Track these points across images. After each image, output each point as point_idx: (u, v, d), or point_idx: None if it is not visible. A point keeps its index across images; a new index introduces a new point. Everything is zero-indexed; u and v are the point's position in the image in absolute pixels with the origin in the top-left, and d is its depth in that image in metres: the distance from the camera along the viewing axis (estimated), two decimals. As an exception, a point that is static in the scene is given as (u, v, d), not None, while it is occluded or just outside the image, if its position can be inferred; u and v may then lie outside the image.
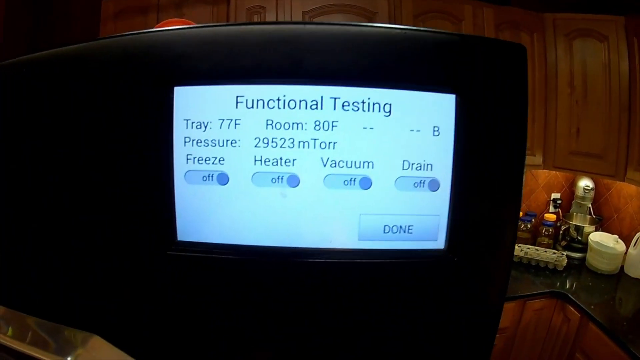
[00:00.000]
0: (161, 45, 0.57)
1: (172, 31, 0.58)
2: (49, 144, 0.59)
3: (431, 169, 0.57)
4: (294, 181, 0.56)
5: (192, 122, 0.56)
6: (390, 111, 0.56)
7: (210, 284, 0.59)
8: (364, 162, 0.56)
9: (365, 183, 0.56)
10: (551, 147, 2.49)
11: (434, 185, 0.58)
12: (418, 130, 0.57)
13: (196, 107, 0.56)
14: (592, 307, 2.18)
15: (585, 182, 2.72)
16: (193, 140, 0.56)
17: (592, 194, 2.72)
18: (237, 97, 0.55)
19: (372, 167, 0.56)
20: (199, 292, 0.60)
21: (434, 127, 0.57)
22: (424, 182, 0.57)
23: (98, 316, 0.64)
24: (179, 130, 0.56)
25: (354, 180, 0.56)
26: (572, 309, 2.25)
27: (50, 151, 0.58)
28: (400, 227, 0.57)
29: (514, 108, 0.61)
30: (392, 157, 0.56)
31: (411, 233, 0.58)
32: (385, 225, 0.57)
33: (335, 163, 0.55)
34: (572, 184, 2.88)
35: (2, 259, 0.63)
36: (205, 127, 0.56)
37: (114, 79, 0.58)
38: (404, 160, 0.56)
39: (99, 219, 0.59)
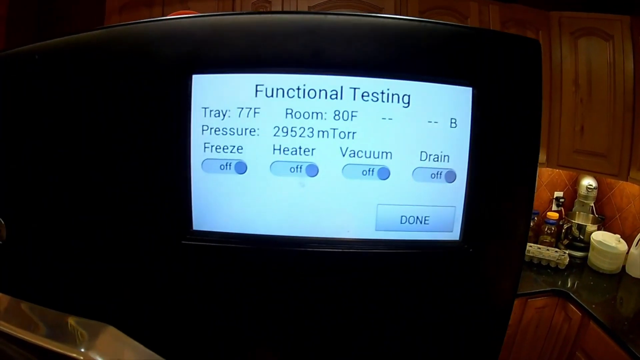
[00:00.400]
0: (179, 33, 0.57)
1: (190, 19, 0.58)
2: (63, 133, 0.59)
3: (448, 161, 0.57)
4: (312, 170, 0.56)
5: (211, 111, 0.56)
6: (409, 102, 0.56)
7: (226, 274, 0.60)
8: (382, 153, 0.56)
9: (384, 173, 0.56)
10: (555, 146, 2.49)
11: (450, 177, 0.58)
12: (436, 122, 0.57)
13: (215, 95, 0.56)
14: (594, 306, 2.19)
15: (588, 181, 2.72)
16: (211, 128, 0.56)
17: (595, 193, 2.73)
18: (256, 85, 0.55)
19: (391, 158, 0.56)
20: (214, 283, 0.60)
21: (452, 119, 0.58)
22: (440, 174, 0.57)
23: (111, 307, 0.64)
24: (197, 119, 0.56)
25: (373, 171, 0.56)
26: (574, 308, 2.25)
27: (64, 141, 0.58)
28: (417, 217, 0.57)
29: (528, 102, 0.61)
30: (410, 147, 0.56)
31: (427, 224, 0.58)
32: (402, 216, 0.57)
33: (354, 153, 0.55)
34: (575, 183, 2.88)
35: (14, 246, 0.63)
36: (224, 115, 0.56)
37: (131, 67, 0.57)
38: (421, 151, 0.57)
39: (114, 207, 0.59)
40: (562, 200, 2.90)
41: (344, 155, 0.56)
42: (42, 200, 0.61)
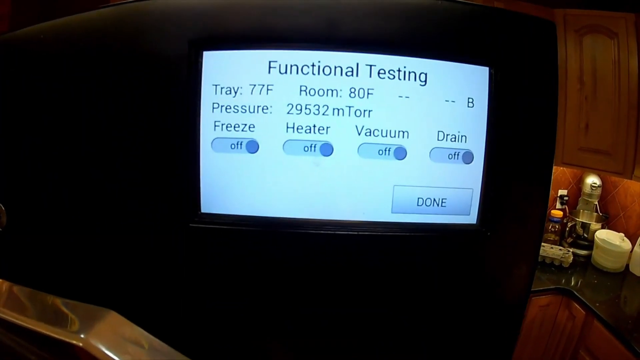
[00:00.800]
0: (189, 9, 0.55)
1: (201, -5, 0.56)
2: (72, 113, 0.57)
3: (465, 141, 0.55)
4: (327, 150, 0.54)
5: (222, 88, 0.54)
6: (425, 81, 0.55)
7: (236, 258, 0.58)
8: (399, 132, 0.54)
9: (400, 153, 0.54)
10: (560, 143, 2.47)
11: (468, 158, 0.56)
12: (453, 101, 0.55)
13: (226, 72, 0.54)
14: (597, 304, 2.17)
15: (592, 179, 2.71)
16: (222, 106, 0.54)
17: (599, 191, 2.71)
18: (269, 62, 0.53)
19: (407, 137, 0.54)
20: (224, 267, 0.58)
21: (469, 98, 0.56)
22: (458, 154, 0.56)
23: (115, 291, 0.62)
24: (207, 96, 0.54)
25: (389, 150, 0.54)
26: (578, 306, 2.24)
27: (72, 122, 0.57)
28: (434, 200, 0.56)
29: (545, 81, 0.60)
30: (427, 127, 0.54)
31: (444, 206, 0.56)
32: (419, 198, 0.55)
33: (370, 132, 0.54)
34: (580, 181, 2.86)
35: (17, 231, 0.61)
36: (236, 92, 0.54)
37: (140, 43, 0.56)
38: (438, 131, 0.55)
39: (119, 187, 0.57)
40: (566, 198, 2.88)
41: (359, 134, 0.54)
42: (46, 183, 0.60)
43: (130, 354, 0.51)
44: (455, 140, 0.55)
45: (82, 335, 0.55)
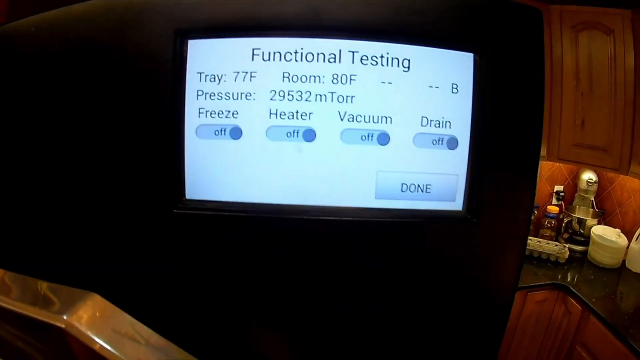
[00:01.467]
0: (175, -2, 0.55)
1: (185, -17, 0.56)
2: (58, 102, 0.57)
3: (450, 127, 0.55)
4: (310, 135, 0.54)
5: (206, 75, 0.54)
6: (409, 66, 0.55)
7: (220, 244, 0.58)
8: (382, 117, 0.54)
9: (383, 139, 0.54)
10: (555, 139, 2.47)
11: (452, 144, 0.56)
12: (437, 87, 0.55)
13: (210, 60, 0.54)
14: (594, 300, 2.17)
15: (588, 175, 2.71)
16: (206, 93, 0.54)
17: (595, 187, 2.71)
18: (253, 49, 0.54)
19: (391, 123, 0.54)
20: (207, 253, 0.58)
21: (453, 84, 0.56)
22: (442, 140, 0.56)
23: (100, 277, 0.62)
24: (192, 84, 0.54)
25: (372, 136, 0.54)
26: (574, 302, 2.23)
27: (59, 109, 0.57)
28: (418, 185, 0.56)
29: (531, 69, 0.60)
30: (411, 112, 0.54)
31: (429, 192, 0.56)
32: (402, 183, 0.55)
33: (352, 117, 0.54)
34: (576, 177, 2.86)
35: (3, 219, 0.61)
36: (219, 80, 0.54)
37: (127, 33, 0.56)
38: (422, 117, 0.55)
39: (104, 175, 0.57)
40: (562, 194, 2.88)
41: (342, 120, 0.54)
42: (32, 170, 0.60)
43: (112, 336, 0.51)
44: (439, 126, 0.55)
45: (64, 317, 0.54)
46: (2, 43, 0.61)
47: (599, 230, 2.51)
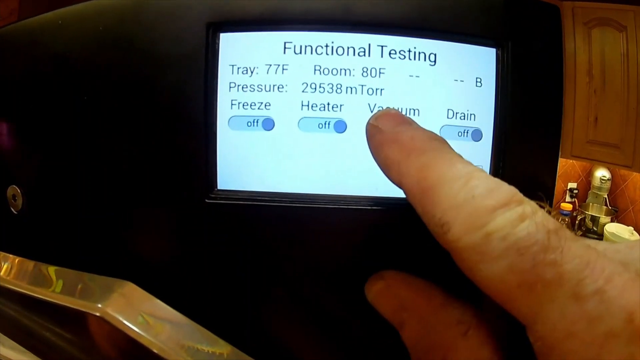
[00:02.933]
0: (207, -7, 0.57)
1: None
2: (87, 93, 0.59)
3: (474, 119, 0.57)
4: (341, 127, 0.56)
5: (238, 68, 0.56)
6: (435, 61, 0.56)
7: (252, 234, 0.60)
8: (410, 109, 0.56)
9: (412, 130, 0.56)
10: (568, 136, 2.48)
11: (477, 135, 0.58)
12: (462, 81, 0.57)
13: (242, 53, 0.56)
14: (607, 297, 2.17)
15: (602, 172, 2.71)
16: (238, 85, 0.56)
17: (608, 184, 2.71)
18: (285, 43, 0.55)
19: (418, 115, 0.56)
20: (240, 242, 0.60)
21: (477, 78, 0.58)
22: (467, 132, 0.57)
23: (131, 267, 0.64)
24: (224, 76, 0.56)
25: (401, 127, 0.56)
26: (587, 299, 2.24)
27: (88, 100, 0.59)
28: (445, 176, 0.57)
29: (550, 64, 0.61)
30: (437, 105, 0.56)
31: (455, 183, 0.58)
32: (429, 175, 0.57)
33: (382, 109, 0.55)
34: (589, 174, 2.87)
35: (34, 214, 0.63)
36: (252, 72, 0.56)
37: (158, 26, 0.58)
38: (448, 109, 0.56)
39: (137, 164, 0.59)
40: (575, 191, 2.88)
41: (372, 111, 0.56)
42: (63, 163, 0.62)
43: (147, 323, 0.53)
44: (464, 119, 0.57)
45: (99, 305, 0.57)
46: (25, 38, 0.63)
47: (612, 228, 2.51)
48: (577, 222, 2.74)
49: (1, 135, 0.62)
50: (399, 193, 0.56)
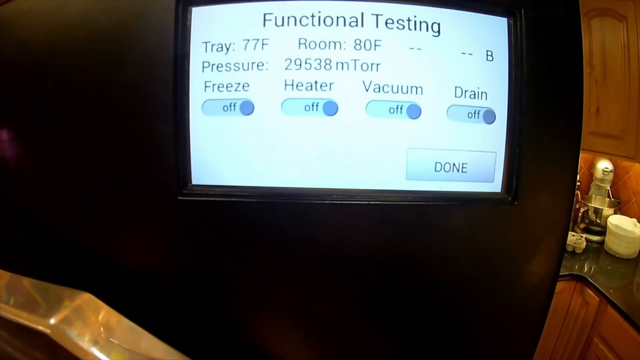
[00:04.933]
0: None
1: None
2: (58, 78, 0.51)
3: (486, 98, 0.49)
4: (331, 108, 0.48)
5: (212, 45, 0.48)
6: (439, 31, 0.48)
7: (232, 234, 0.52)
8: (411, 87, 0.48)
9: (414, 111, 0.48)
10: (570, 127, 2.41)
11: (489, 117, 0.50)
12: (470, 54, 0.49)
13: (217, 27, 0.48)
14: (611, 291, 2.12)
15: (604, 164, 2.64)
16: (213, 65, 0.48)
17: (611, 176, 2.65)
18: (264, 14, 0.47)
19: (421, 93, 0.48)
20: (218, 244, 0.52)
21: (487, 51, 0.50)
22: (478, 113, 0.49)
23: (97, 272, 0.56)
24: (197, 55, 0.48)
25: (401, 108, 0.48)
26: (591, 293, 2.19)
27: (59, 86, 0.51)
28: (454, 164, 0.49)
29: (568, 36, 0.53)
30: (443, 82, 0.48)
31: (465, 172, 0.50)
32: (436, 162, 0.49)
33: (379, 87, 0.47)
34: (591, 166, 2.80)
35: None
36: (228, 49, 0.48)
37: (123, 0, 0.50)
38: (456, 87, 0.49)
39: (103, 158, 0.51)
40: (578, 183, 2.82)
41: (367, 90, 0.48)
42: (33, 154, 0.54)
43: (104, 343, 0.45)
44: (474, 97, 0.49)
45: (52, 321, 0.48)
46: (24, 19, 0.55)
47: (616, 220, 2.45)
48: (580, 214, 2.68)
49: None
50: (400, 186, 0.48)
